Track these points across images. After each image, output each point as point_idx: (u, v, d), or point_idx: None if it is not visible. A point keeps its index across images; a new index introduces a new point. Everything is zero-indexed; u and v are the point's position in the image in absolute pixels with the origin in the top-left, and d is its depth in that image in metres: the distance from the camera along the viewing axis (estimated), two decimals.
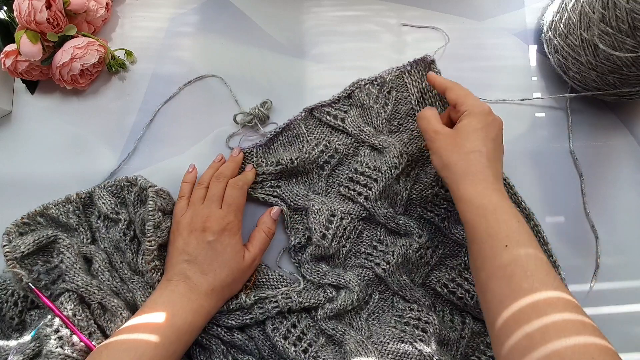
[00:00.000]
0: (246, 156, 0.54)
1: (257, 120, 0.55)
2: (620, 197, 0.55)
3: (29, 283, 0.47)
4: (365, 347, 0.46)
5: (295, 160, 0.53)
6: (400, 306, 0.51)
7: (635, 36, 0.44)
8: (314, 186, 0.54)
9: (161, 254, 0.50)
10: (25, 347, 0.45)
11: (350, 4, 0.61)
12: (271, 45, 0.59)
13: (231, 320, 0.48)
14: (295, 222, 0.54)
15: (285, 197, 0.54)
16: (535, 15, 0.61)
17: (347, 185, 0.54)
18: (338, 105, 0.56)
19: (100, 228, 0.51)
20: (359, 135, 0.54)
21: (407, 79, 0.56)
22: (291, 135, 0.55)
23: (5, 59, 0.53)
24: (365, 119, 0.55)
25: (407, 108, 0.56)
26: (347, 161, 0.55)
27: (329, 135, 0.55)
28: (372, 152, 0.54)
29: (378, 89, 0.55)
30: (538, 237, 0.52)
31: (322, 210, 0.51)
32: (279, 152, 0.55)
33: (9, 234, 0.48)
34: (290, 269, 0.54)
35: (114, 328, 0.47)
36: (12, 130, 0.57)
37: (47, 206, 0.51)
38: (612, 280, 0.52)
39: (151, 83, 0.58)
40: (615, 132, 0.57)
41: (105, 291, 0.47)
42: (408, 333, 0.48)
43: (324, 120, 0.55)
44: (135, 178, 0.52)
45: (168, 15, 0.61)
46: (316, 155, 0.54)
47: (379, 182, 0.51)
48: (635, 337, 0.52)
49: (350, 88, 0.56)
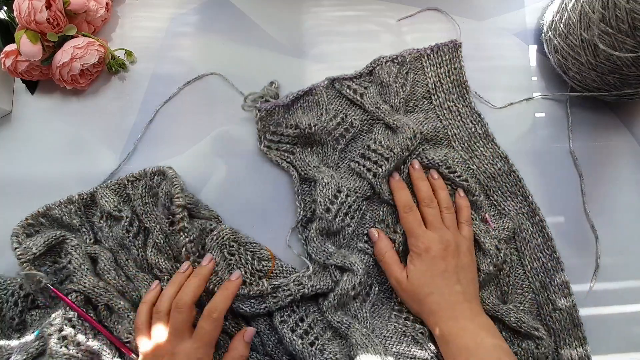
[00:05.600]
0: (267, 114, 0.54)
1: (269, 99, 0.56)
2: (620, 197, 0.55)
3: (48, 284, 0.47)
4: (371, 340, 0.46)
5: (313, 127, 0.53)
6: (399, 299, 0.51)
7: (635, 36, 0.44)
8: (327, 159, 0.55)
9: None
10: (28, 346, 0.45)
11: (350, 4, 0.61)
12: (271, 45, 0.59)
13: (245, 307, 0.48)
14: (304, 193, 0.54)
15: (297, 165, 0.54)
16: (535, 15, 0.61)
17: (358, 161, 0.54)
18: (359, 80, 0.56)
19: (104, 227, 0.51)
20: (375, 112, 0.55)
21: (425, 62, 0.57)
22: (311, 101, 0.55)
23: (5, 59, 0.53)
24: (384, 97, 0.56)
25: (424, 90, 0.57)
26: (360, 137, 0.56)
27: (347, 109, 0.56)
28: (386, 131, 0.55)
29: (398, 67, 0.56)
30: (543, 232, 0.53)
31: (330, 185, 0.52)
32: (298, 115, 0.55)
33: (17, 235, 0.48)
34: (299, 250, 0.53)
35: (121, 330, 0.47)
36: (12, 130, 0.57)
37: (49, 207, 0.51)
38: (612, 280, 0.52)
39: (151, 83, 0.58)
40: (615, 132, 0.57)
41: (112, 293, 0.48)
42: (409, 327, 0.49)
43: (343, 93, 0.56)
44: (142, 170, 0.52)
45: (168, 15, 0.61)
46: (332, 127, 0.54)
47: (389, 162, 0.52)
48: (635, 337, 0.52)
49: (371, 65, 0.56)
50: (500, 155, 0.54)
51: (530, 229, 0.53)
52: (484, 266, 0.50)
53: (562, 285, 0.51)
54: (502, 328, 0.50)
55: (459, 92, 0.56)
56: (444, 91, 0.56)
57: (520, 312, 0.50)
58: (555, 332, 0.50)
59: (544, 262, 0.52)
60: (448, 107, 0.56)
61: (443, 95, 0.56)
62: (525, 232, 0.53)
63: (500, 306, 0.50)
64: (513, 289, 0.51)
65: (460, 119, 0.56)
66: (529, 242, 0.53)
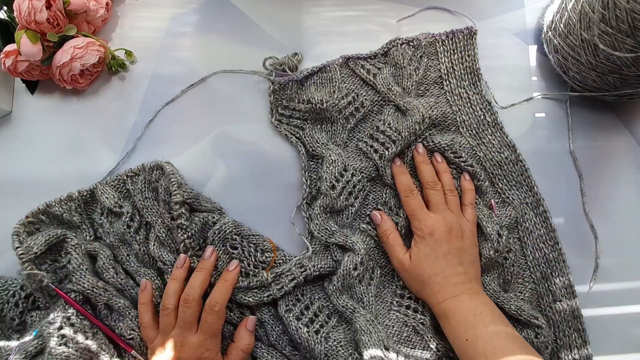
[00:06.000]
0: (281, 88, 0.55)
1: (287, 68, 0.56)
2: (620, 197, 0.55)
3: (50, 284, 0.47)
4: (374, 326, 0.47)
5: (325, 103, 0.53)
6: (401, 282, 0.51)
7: (635, 36, 0.44)
8: (336, 137, 0.55)
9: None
10: (27, 345, 0.45)
11: (350, 4, 0.61)
12: (271, 45, 0.59)
13: (249, 297, 0.49)
14: (310, 170, 0.54)
15: (306, 142, 0.55)
16: (535, 15, 0.61)
17: (366, 141, 0.54)
18: (374, 60, 0.57)
19: (104, 224, 0.52)
20: (386, 94, 0.55)
21: (439, 47, 0.57)
22: (325, 78, 0.56)
23: (5, 59, 0.53)
24: (397, 79, 0.56)
25: (436, 76, 0.57)
26: (370, 118, 0.56)
27: (359, 88, 0.56)
28: (396, 113, 0.55)
29: (413, 50, 0.56)
30: (546, 223, 0.53)
31: (336, 162, 0.52)
32: (311, 91, 0.55)
33: (18, 234, 0.48)
34: (301, 230, 0.53)
35: (123, 327, 0.47)
36: (12, 130, 0.57)
37: (49, 204, 0.51)
38: (612, 281, 0.52)
39: (151, 83, 0.58)
40: (615, 132, 0.57)
41: (111, 292, 0.48)
42: (411, 317, 0.49)
43: (357, 72, 0.56)
44: (140, 165, 0.53)
45: (168, 15, 0.61)
46: (343, 105, 0.55)
47: (396, 144, 0.52)
48: (635, 337, 0.52)
49: (387, 46, 0.57)
50: (508, 144, 0.55)
51: (533, 219, 0.53)
52: (485, 251, 0.50)
53: (563, 277, 0.51)
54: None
55: (471, 79, 0.56)
56: (456, 77, 0.57)
57: (520, 300, 0.50)
58: (555, 323, 0.50)
59: (545, 252, 0.52)
60: (459, 93, 0.56)
61: (455, 81, 0.57)
62: (528, 222, 0.53)
63: (501, 293, 0.50)
64: (515, 278, 0.52)
65: (470, 105, 0.56)
66: (532, 232, 0.53)
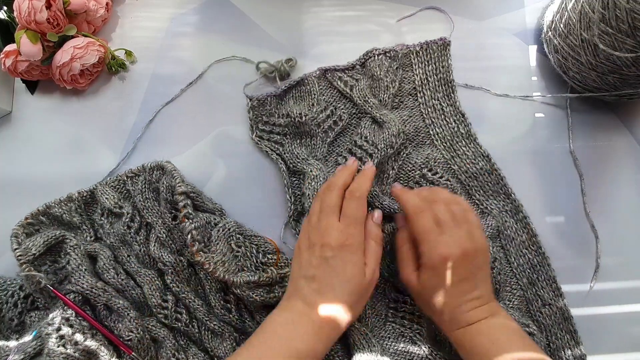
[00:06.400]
0: (260, 104, 0.55)
1: (278, 75, 0.56)
2: (620, 197, 0.55)
3: (48, 285, 0.47)
4: (368, 340, 0.46)
5: (303, 117, 0.53)
6: (393, 296, 0.51)
7: (635, 36, 0.44)
8: (316, 151, 0.55)
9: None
10: (26, 345, 0.45)
11: (350, 4, 0.61)
12: (271, 45, 0.59)
13: (255, 296, 0.48)
14: (293, 186, 0.54)
15: (286, 157, 0.54)
16: (535, 15, 0.61)
17: (345, 156, 0.54)
18: (351, 72, 0.57)
19: (104, 224, 0.51)
20: (362, 106, 0.55)
21: (413, 59, 0.57)
22: (303, 91, 0.56)
23: (5, 59, 0.53)
24: (373, 91, 0.56)
25: (410, 87, 0.57)
26: (349, 131, 0.56)
27: (337, 101, 0.56)
28: (373, 125, 0.54)
29: (389, 61, 0.56)
30: (527, 229, 0.53)
31: (318, 177, 0.51)
32: (289, 105, 0.55)
33: (17, 235, 0.48)
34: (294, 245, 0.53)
35: (121, 328, 0.47)
36: (12, 130, 0.57)
37: (49, 205, 0.51)
38: (612, 280, 0.52)
39: (151, 83, 0.58)
40: (615, 132, 0.57)
41: (110, 293, 0.48)
42: (407, 327, 0.49)
43: (334, 85, 0.56)
44: (140, 166, 0.52)
45: (168, 15, 0.61)
46: (322, 119, 0.55)
47: (373, 158, 0.52)
48: (636, 337, 0.52)
49: (364, 57, 0.56)
50: (482, 154, 0.54)
51: (514, 226, 0.53)
52: None
53: (549, 280, 0.51)
54: None
55: (445, 91, 0.56)
56: (430, 89, 0.56)
57: (509, 309, 0.50)
58: (546, 327, 0.50)
59: (529, 258, 0.52)
60: (433, 105, 0.56)
61: (429, 92, 0.56)
62: (509, 229, 0.53)
63: None
64: (502, 286, 0.52)
65: (444, 117, 0.56)
66: (514, 239, 0.53)
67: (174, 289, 0.49)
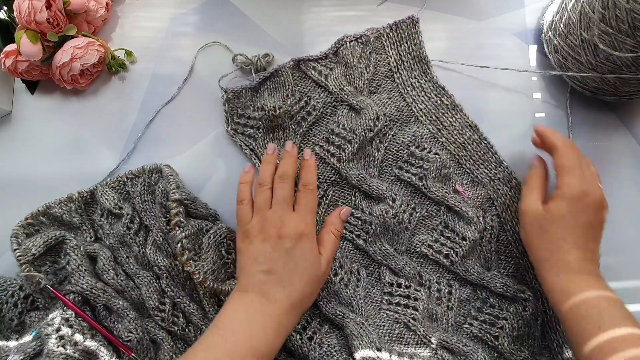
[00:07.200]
0: (235, 96, 0.55)
1: (254, 68, 0.56)
2: (620, 197, 0.55)
3: (47, 285, 0.47)
4: (365, 328, 0.47)
5: (278, 110, 0.53)
6: (388, 279, 0.51)
7: (635, 36, 0.44)
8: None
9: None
10: (26, 346, 0.45)
11: (350, 4, 0.61)
12: (271, 45, 0.59)
13: None
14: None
15: (259, 153, 0.54)
16: (535, 15, 0.61)
17: (322, 145, 0.54)
18: (325, 61, 0.56)
19: (104, 225, 0.51)
20: (338, 94, 0.54)
21: (385, 41, 0.57)
22: (278, 82, 0.55)
23: (5, 59, 0.53)
24: (348, 78, 0.55)
25: (386, 69, 0.57)
26: (325, 121, 0.55)
27: (311, 91, 0.56)
28: (350, 113, 0.54)
29: (362, 47, 0.56)
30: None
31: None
32: (264, 97, 0.55)
33: (17, 236, 0.48)
34: None
35: (121, 329, 0.47)
36: (12, 130, 0.57)
37: (49, 205, 0.51)
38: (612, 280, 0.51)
39: (151, 83, 0.58)
40: (615, 132, 0.57)
41: (110, 293, 0.48)
42: (401, 313, 0.49)
43: (308, 75, 0.56)
44: (140, 167, 0.52)
45: (168, 15, 0.61)
46: (295, 111, 0.55)
47: (352, 144, 0.52)
48: None
49: (336, 45, 0.56)
50: (470, 124, 0.54)
51: (508, 193, 0.53)
52: (469, 233, 0.50)
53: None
54: (489, 295, 0.50)
55: (421, 68, 0.56)
56: (406, 68, 0.56)
57: (504, 277, 0.50)
58: (542, 294, 0.50)
59: None
60: (411, 84, 0.56)
61: (405, 72, 0.56)
62: (503, 197, 0.53)
63: (485, 274, 0.50)
64: (497, 255, 0.52)
65: (425, 94, 0.56)
66: (509, 206, 0.53)
67: (169, 293, 0.49)
